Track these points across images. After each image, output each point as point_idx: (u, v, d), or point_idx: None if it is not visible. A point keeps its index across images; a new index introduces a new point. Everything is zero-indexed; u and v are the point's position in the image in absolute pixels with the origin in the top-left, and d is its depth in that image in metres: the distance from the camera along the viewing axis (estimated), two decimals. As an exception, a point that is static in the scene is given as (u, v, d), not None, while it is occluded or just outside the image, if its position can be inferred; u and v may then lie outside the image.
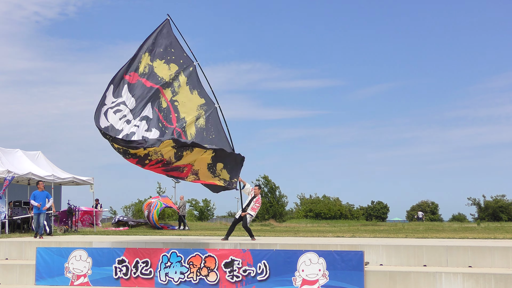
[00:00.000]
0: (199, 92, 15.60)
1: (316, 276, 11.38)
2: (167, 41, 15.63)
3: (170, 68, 15.48)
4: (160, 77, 15.35)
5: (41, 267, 12.81)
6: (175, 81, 15.44)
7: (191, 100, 15.48)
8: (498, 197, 70.93)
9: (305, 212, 66.20)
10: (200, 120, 15.41)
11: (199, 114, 15.48)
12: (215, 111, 15.60)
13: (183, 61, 15.62)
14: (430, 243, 13.47)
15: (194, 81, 15.63)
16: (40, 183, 18.57)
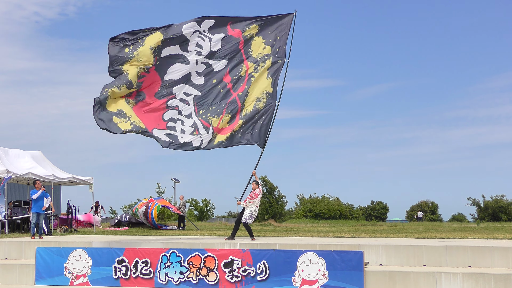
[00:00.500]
0: (273, 82, 16.69)
1: (316, 276, 11.38)
2: (280, 28, 16.95)
3: (264, 48, 16.83)
4: (251, 50, 16.82)
5: (41, 267, 12.80)
6: (261, 61, 16.75)
7: (263, 83, 16.68)
8: (498, 197, 70.99)
9: (305, 212, 66.21)
10: (260, 103, 16.52)
11: (261, 98, 16.59)
12: (273, 106, 16.56)
13: (279, 50, 16.85)
14: (430, 243, 13.47)
15: (275, 72, 16.72)
16: (37, 182, 18.23)
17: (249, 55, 16.71)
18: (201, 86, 16.45)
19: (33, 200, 17.71)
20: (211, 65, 16.46)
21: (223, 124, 16.27)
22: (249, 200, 15.27)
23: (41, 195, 17.72)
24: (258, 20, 16.77)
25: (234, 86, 16.55)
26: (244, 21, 16.74)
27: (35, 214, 17.55)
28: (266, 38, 16.73)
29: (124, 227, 28.71)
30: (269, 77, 16.56)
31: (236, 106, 16.39)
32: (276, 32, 16.80)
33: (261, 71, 16.58)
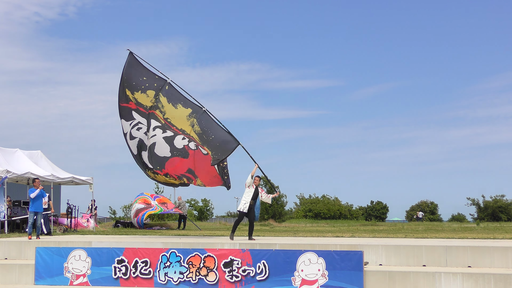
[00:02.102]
0: (183, 104, 16.57)
1: (316, 276, 11.38)
2: (136, 72, 16.81)
3: (148, 95, 16.73)
4: (144, 105, 16.80)
5: (41, 267, 12.80)
6: (158, 103, 16.67)
7: (179, 114, 16.56)
8: (498, 197, 70.97)
9: (305, 212, 66.20)
10: (195, 127, 16.33)
11: (192, 122, 16.42)
12: (204, 114, 16.41)
13: (157, 84, 16.73)
14: (430, 243, 13.48)
15: (174, 96, 16.64)
16: (36, 180, 17.79)
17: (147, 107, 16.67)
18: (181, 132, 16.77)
19: (31, 199, 17.18)
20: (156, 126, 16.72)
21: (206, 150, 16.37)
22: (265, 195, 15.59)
23: (39, 194, 17.25)
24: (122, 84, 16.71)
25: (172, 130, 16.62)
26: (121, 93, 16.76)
27: (33, 213, 17.13)
28: (138, 88, 16.63)
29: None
30: (176, 105, 16.49)
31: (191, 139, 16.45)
32: (137, 77, 16.69)
33: (166, 110, 16.51)
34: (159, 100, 16.55)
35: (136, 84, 16.67)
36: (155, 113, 16.64)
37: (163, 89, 16.59)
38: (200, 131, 16.21)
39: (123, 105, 16.81)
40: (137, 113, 16.78)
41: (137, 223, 27.75)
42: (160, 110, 16.57)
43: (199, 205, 57.79)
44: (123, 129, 16.99)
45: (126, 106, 16.80)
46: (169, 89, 16.62)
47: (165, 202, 29.78)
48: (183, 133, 16.46)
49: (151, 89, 16.63)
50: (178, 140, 16.48)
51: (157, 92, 16.57)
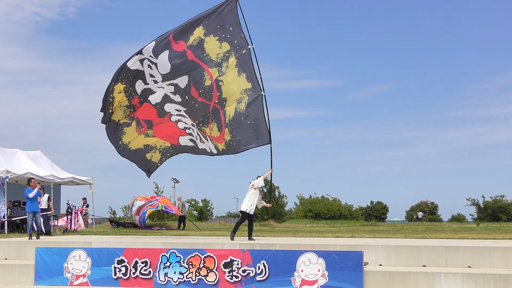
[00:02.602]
0: (248, 76, 15.28)
1: (316, 277, 11.38)
2: (228, 18, 15.43)
3: (221, 47, 15.39)
4: (206, 53, 15.46)
5: (40, 267, 12.79)
6: (224, 62, 15.35)
7: (237, 83, 15.33)
8: (497, 197, 70.97)
9: (305, 212, 66.11)
10: (241, 104, 15.25)
11: (241, 98, 15.29)
12: (260, 98, 15.18)
13: (237, 41, 15.38)
14: (430, 243, 13.48)
15: (245, 64, 15.32)
16: (32, 180, 17.53)
17: (207, 59, 15.45)
18: (181, 102, 15.96)
19: (28, 199, 17.00)
20: (176, 84, 15.75)
21: (215, 132, 15.67)
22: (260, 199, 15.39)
23: (37, 194, 17.22)
24: (200, 21, 15.44)
25: (206, 97, 15.58)
26: (187, 28, 15.47)
27: (31, 214, 16.99)
28: (218, 34, 15.35)
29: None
30: (241, 73, 15.25)
31: (218, 113, 15.51)
32: (226, 23, 15.35)
33: (227, 71, 15.31)
34: (227, 59, 15.34)
35: (219, 28, 15.42)
36: (207, 70, 15.44)
37: (239, 50, 15.32)
38: (243, 110, 15.20)
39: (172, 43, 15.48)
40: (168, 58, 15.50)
41: (139, 221, 27.74)
42: (219, 68, 15.34)
43: (199, 206, 57.77)
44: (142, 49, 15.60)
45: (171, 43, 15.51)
46: (245, 55, 15.30)
47: (165, 202, 29.79)
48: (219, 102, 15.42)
49: (229, 43, 15.38)
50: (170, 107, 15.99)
51: (231, 49, 15.35)
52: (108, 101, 16.02)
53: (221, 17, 15.40)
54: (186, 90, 15.75)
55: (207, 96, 15.56)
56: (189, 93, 15.73)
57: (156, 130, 16.47)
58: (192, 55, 15.44)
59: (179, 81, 15.72)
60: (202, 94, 15.57)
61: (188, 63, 15.52)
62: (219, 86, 15.39)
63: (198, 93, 15.59)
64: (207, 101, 15.55)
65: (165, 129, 16.45)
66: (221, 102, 15.46)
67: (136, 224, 28.61)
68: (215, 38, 15.36)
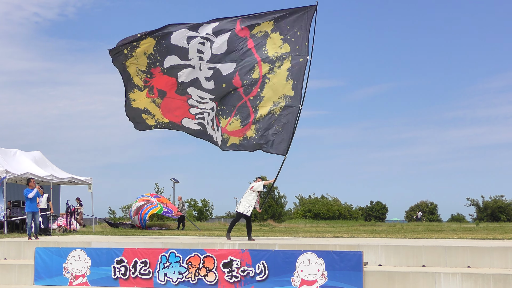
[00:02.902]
0: (294, 85, 15.11)
1: (315, 277, 11.38)
2: (300, 23, 15.19)
3: (282, 47, 15.22)
4: (265, 49, 15.28)
5: (40, 267, 12.78)
6: (278, 61, 15.19)
7: (281, 87, 15.19)
8: (497, 197, 71.03)
9: (304, 213, 66.16)
10: (276, 108, 15.17)
11: (279, 102, 15.19)
12: (296, 110, 15.14)
13: (299, 47, 15.16)
14: (429, 243, 13.48)
15: (297, 72, 15.08)
16: (31, 180, 17.56)
17: (264, 54, 15.21)
18: (212, 90, 15.75)
19: (27, 200, 17.04)
20: (218, 69, 15.44)
21: (232, 126, 15.59)
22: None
23: (36, 194, 17.26)
24: (272, 16, 15.16)
25: (246, 90, 15.40)
26: (257, 18, 15.23)
27: (30, 214, 16.99)
28: (284, 34, 15.13)
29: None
30: (289, 79, 15.02)
31: (247, 111, 15.43)
32: (296, 27, 15.08)
33: (278, 72, 15.12)
34: (282, 60, 15.12)
35: (288, 29, 15.19)
36: (260, 64, 15.24)
37: (297, 57, 15.07)
38: (276, 114, 15.15)
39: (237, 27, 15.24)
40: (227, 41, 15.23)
41: (139, 221, 27.75)
42: (271, 66, 15.17)
43: (198, 205, 57.77)
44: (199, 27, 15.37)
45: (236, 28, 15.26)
46: (300, 64, 15.03)
47: (164, 202, 29.81)
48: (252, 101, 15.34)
49: (290, 46, 15.13)
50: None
51: (290, 53, 15.11)
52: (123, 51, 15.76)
53: (294, 19, 15.19)
54: (227, 78, 15.47)
55: (247, 90, 15.42)
56: (229, 82, 15.48)
57: (166, 102, 16.29)
58: (252, 44, 15.27)
59: (224, 67, 15.43)
60: (244, 85, 15.42)
61: (245, 51, 15.31)
62: (264, 83, 15.28)
63: (242, 83, 15.41)
64: (244, 95, 15.45)
65: (175, 105, 16.28)
66: (256, 101, 15.38)
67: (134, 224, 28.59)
68: (280, 36, 15.19)
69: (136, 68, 15.99)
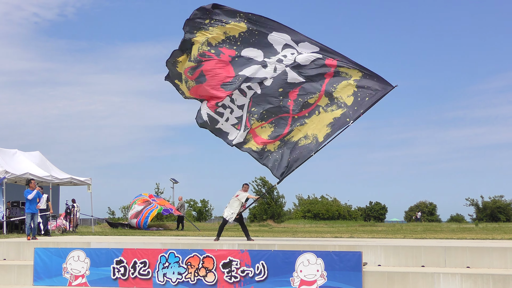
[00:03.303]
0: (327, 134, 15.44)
1: (314, 277, 11.38)
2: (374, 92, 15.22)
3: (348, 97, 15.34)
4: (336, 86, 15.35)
5: (39, 268, 12.78)
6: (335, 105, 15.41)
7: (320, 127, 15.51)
8: (496, 197, 70.92)
9: (303, 213, 66.04)
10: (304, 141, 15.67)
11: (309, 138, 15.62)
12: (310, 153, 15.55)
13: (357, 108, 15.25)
14: (428, 243, 13.50)
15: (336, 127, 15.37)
16: (32, 181, 17.73)
17: (331, 90, 15.32)
18: (266, 87, 15.57)
19: (27, 201, 17.25)
20: (287, 73, 15.37)
21: (260, 131, 15.71)
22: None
23: (36, 195, 17.43)
24: (363, 70, 15.27)
25: (295, 107, 15.51)
26: (348, 62, 15.32)
27: (30, 215, 17.15)
28: (358, 88, 15.26)
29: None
30: (329, 127, 15.41)
31: (285, 125, 15.63)
32: (370, 92, 15.23)
33: (328, 112, 15.40)
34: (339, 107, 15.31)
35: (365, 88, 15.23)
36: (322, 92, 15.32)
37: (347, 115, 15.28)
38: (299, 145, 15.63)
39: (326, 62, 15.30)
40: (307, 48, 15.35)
41: (137, 225, 27.65)
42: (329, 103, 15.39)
43: (198, 206, 57.75)
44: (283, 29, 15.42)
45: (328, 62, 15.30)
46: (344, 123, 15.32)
47: (163, 204, 29.75)
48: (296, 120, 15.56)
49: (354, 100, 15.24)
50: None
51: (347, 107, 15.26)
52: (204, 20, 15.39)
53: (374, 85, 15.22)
54: (287, 86, 15.49)
55: (298, 107, 15.53)
56: (286, 90, 15.49)
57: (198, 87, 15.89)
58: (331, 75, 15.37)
59: (293, 75, 15.44)
60: (296, 102, 15.53)
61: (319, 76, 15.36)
62: (314, 112, 15.55)
63: (295, 98, 15.50)
64: (291, 109, 15.57)
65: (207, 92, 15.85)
66: (297, 121, 15.65)
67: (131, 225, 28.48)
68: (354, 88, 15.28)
69: (205, 38, 15.53)
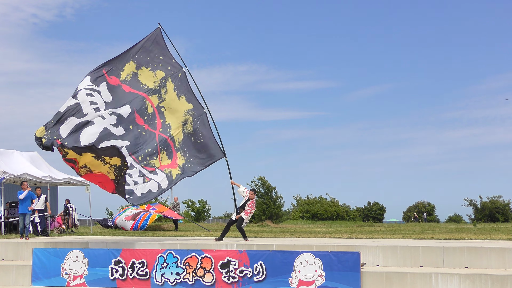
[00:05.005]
0: (187, 98, 15.76)
1: (313, 277, 11.38)
2: (156, 49, 15.85)
3: (155, 75, 15.72)
4: (143, 84, 15.59)
5: (38, 268, 12.78)
6: (162, 88, 15.66)
7: (178, 106, 15.71)
8: (495, 198, 71.12)
9: (302, 213, 66.08)
10: (187, 125, 15.66)
11: (186, 119, 15.70)
12: (204, 115, 15.77)
13: (170, 67, 15.82)
14: (427, 244, 13.49)
15: (182, 87, 15.78)
16: (24, 183, 18.05)
17: (145, 88, 15.49)
18: (124, 135, 14.89)
19: (20, 201, 17.68)
20: (118, 113, 14.90)
21: (165, 162, 15.33)
22: (251, 213, 15.24)
23: (27, 196, 17.69)
24: (129, 57, 15.45)
25: (151, 125, 15.43)
26: (117, 64, 15.30)
27: (22, 215, 17.55)
28: (150, 65, 15.63)
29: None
30: (180, 96, 15.66)
31: (166, 142, 15.44)
32: (155, 53, 15.67)
33: (167, 97, 15.60)
34: (164, 85, 15.65)
35: (149, 60, 15.74)
36: (147, 98, 15.41)
37: (175, 75, 15.78)
38: (191, 131, 15.60)
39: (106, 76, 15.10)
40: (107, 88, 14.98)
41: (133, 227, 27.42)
42: (159, 95, 15.56)
43: (196, 206, 57.73)
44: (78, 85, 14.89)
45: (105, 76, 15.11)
46: (181, 78, 15.83)
47: (162, 211, 29.54)
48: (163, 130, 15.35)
49: (162, 70, 15.77)
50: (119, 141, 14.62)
51: (167, 76, 15.73)
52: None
53: (149, 49, 15.78)
54: (130, 119, 15.12)
55: (152, 124, 15.49)
56: (133, 122, 15.13)
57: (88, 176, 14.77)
58: (128, 88, 15.46)
59: (122, 110, 15.04)
60: (147, 121, 15.43)
61: (127, 95, 15.28)
62: (161, 112, 15.68)
63: (143, 120, 15.39)
64: (152, 130, 15.46)
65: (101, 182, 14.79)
66: (165, 130, 15.60)
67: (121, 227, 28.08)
68: (147, 69, 15.72)
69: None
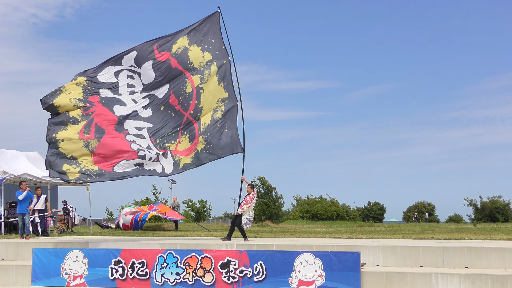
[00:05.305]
0: (225, 86, 16.00)
1: (313, 277, 11.38)
2: (211, 31, 16.26)
3: (204, 56, 16.11)
4: (190, 61, 16.03)
5: (38, 268, 12.78)
6: (206, 70, 16.00)
7: (216, 91, 15.98)
8: (495, 198, 71.03)
9: (302, 213, 66.05)
10: (217, 113, 15.86)
11: (218, 106, 15.95)
12: (235, 107, 15.94)
13: (218, 52, 16.18)
14: (427, 244, 13.48)
15: (224, 74, 16.03)
16: (23, 183, 18.20)
17: (190, 67, 16.01)
18: (150, 117, 15.87)
19: (18, 201, 17.85)
20: (153, 95, 15.91)
21: (183, 145, 15.74)
22: (245, 206, 15.13)
23: (26, 196, 17.83)
24: (184, 32, 16.11)
25: (184, 106, 15.89)
26: (170, 39, 15.99)
27: (21, 215, 17.71)
28: (201, 45, 16.10)
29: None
30: (220, 82, 15.95)
31: (192, 126, 15.84)
32: (209, 35, 16.15)
33: (208, 79, 15.90)
34: (209, 68, 16.00)
35: (202, 40, 16.15)
36: (190, 77, 15.95)
37: (221, 61, 16.08)
38: (219, 118, 15.76)
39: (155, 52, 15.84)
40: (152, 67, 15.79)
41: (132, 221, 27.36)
42: (201, 76, 15.91)
43: (196, 206, 57.69)
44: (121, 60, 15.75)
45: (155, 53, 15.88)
46: (225, 65, 16.08)
47: (163, 212, 29.51)
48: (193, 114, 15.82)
49: (211, 53, 16.13)
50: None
51: (213, 59, 16.08)
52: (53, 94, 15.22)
53: (204, 30, 16.22)
54: (164, 100, 16.00)
55: (184, 105, 15.95)
56: (166, 102, 15.97)
57: (103, 144, 15.13)
58: (176, 62, 15.98)
59: (159, 91, 16.02)
60: (180, 102, 15.96)
61: (172, 71, 15.98)
62: (199, 94, 15.93)
63: (178, 100, 15.97)
64: (183, 111, 15.95)
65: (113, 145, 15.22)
66: (196, 113, 15.94)
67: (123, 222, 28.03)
68: (198, 48, 16.09)
69: (69, 98, 15.13)
